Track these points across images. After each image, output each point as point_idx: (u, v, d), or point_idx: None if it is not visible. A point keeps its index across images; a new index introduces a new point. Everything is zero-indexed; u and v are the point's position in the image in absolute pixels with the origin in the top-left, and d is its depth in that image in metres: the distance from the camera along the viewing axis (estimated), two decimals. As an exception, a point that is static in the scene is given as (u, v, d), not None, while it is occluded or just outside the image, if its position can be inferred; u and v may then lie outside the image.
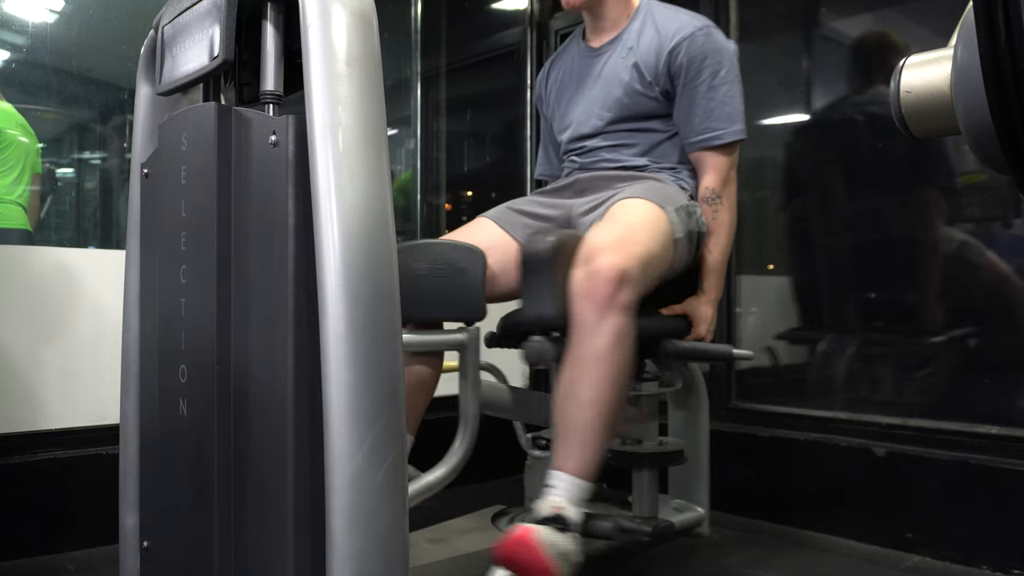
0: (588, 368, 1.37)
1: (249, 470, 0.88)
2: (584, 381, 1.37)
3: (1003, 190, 1.92)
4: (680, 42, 1.67)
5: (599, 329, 1.36)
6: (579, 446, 1.37)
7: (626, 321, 1.38)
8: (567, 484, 1.35)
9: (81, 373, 1.88)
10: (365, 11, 0.85)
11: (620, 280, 1.37)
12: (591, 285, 1.37)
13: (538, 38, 2.87)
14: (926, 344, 2.02)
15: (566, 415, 1.39)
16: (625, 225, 1.50)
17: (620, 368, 1.37)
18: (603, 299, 1.36)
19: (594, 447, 1.37)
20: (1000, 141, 0.45)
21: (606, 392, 1.36)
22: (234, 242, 0.90)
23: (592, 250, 1.41)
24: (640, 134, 1.74)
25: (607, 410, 1.37)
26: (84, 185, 2.66)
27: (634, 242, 1.44)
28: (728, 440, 2.08)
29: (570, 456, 1.37)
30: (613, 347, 1.36)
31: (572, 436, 1.38)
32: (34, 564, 1.74)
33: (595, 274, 1.37)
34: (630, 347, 1.38)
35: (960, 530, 1.74)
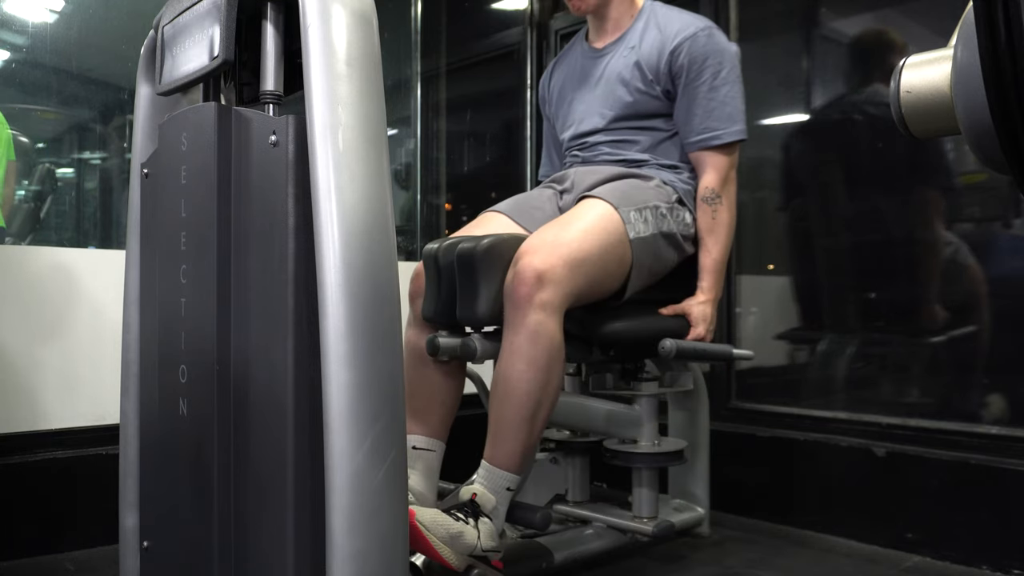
0: (508, 364, 1.41)
1: (249, 470, 0.88)
2: (505, 376, 1.42)
3: (1003, 190, 1.92)
4: (682, 42, 1.68)
5: (517, 327, 1.41)
6: (501, 438, 1.41)
7: (543, 319, 1.40)
8: (487, 473, 1.40)
9: (81, 373, 1.88)
10: (365, 11, 0.86)
11: (538, 280, 1.40)
12: (512, 286, 1.42)
13: (538, 38, 2.87)
14: (926, 344, 2.02)
15: (492, 408, 1.44)
16: (561, 226, 1.53)
17: (535, 364, 1.40)
18: (521, 298, 1.40)
19: (514, 439, 1.41)
20: (1000, 141, 0.45)
21: (522, 387, 1.40)
22: (234, 242, 0.90)
23: (520, 252, 1.45)
24: (642, 132, 1.74)
25: (526, 404, 1.40)
26: (84, 185, 2.66)
27: (563, 242, 1.46)
28: (728, 440, 2.08)
29: (493, 447, 1.42)
30: (529, 344, 1.40)
31: (495, 428, 1.43)
32: (34, 564, 1.74)
33: (517, 275, 1.42)
34: (548, 344, 1.40)
35: (960, 530, 1.74)
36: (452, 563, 1.30)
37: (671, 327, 1.64)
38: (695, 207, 1.71)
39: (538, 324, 1.40)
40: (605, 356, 1.66)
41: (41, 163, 2.57)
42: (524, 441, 1.42)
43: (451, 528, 1.30)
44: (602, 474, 2.27)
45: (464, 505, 1.37)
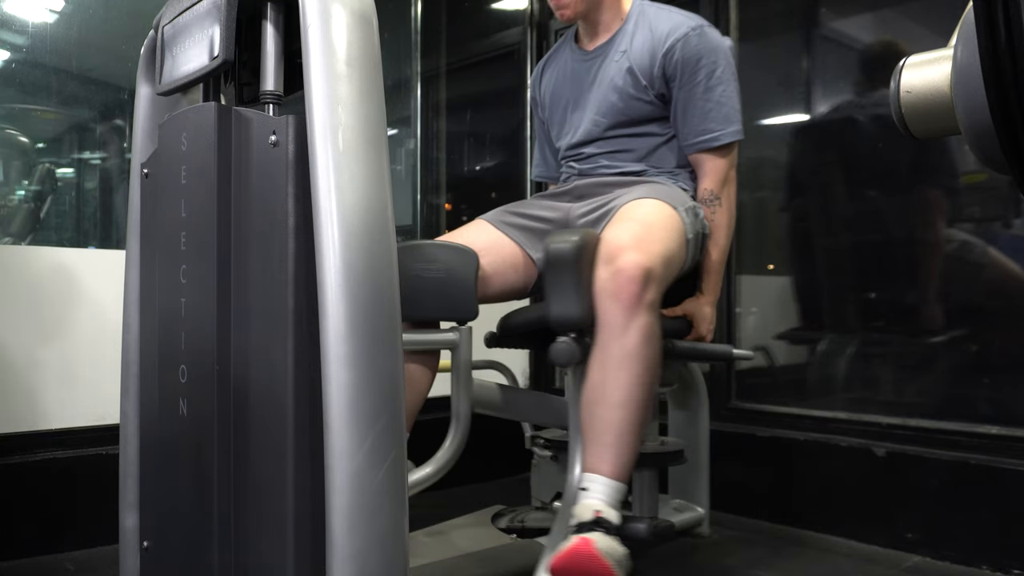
0: (618, 368, 1.36)
1: (249, 470, 0.88)
2: (615, 382, 1.36)
3: (1003, 190, 1.92)
4: (674, 44, 1.65)
5: (628, 329, 1.36)
6: (613, 447, 1.36)
7: (653, 320, 1.38)
8: (603, 487, 1.34)
9: (81, 373, 1.88)
10: (365, 11, 0.85)
11: (646, 279, 1.36)
12: (617, 284, 1.36)
13: (538, 38, 2.87)
14: (926, 344, 2.02)
15: (598, 416, 1.38)
16: (642, 224, 1.49)
17: (649, 367, 1.37)
18: (630, 298, 1.35)
19: (628, 448, 1.36)
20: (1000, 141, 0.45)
21: (637, 392, 1.36)
22: (234, 242, 0.90)
23: (615, 249, 1.40)
24: (637, 139, 1.73)
25: (638, 410, 1.36)
26: (84, 185, 2.66)
27: (653, 240, 1.44)
28: (728, 440, 2.08)
29: (604, 458, 1.36)
30: (642, 346, 1.36)
31: (605, 437, 1.36)
32: (34, 564, 1.74)
33: (620, 273, 1.36)
34: (658, 346, 1.38)
35: (960, 530, 1.74)
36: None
37: (672, 327, 1.64)
38: None
39: (650, 326, 1.37)
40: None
41: (41, 163, 2.56)
42: (635, 449, 1.37)
43: (618, 552, 1.27)
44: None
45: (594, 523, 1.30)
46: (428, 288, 1.55)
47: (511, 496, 2.23)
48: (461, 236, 1.73)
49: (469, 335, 1.60)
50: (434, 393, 1.75)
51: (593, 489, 1.34)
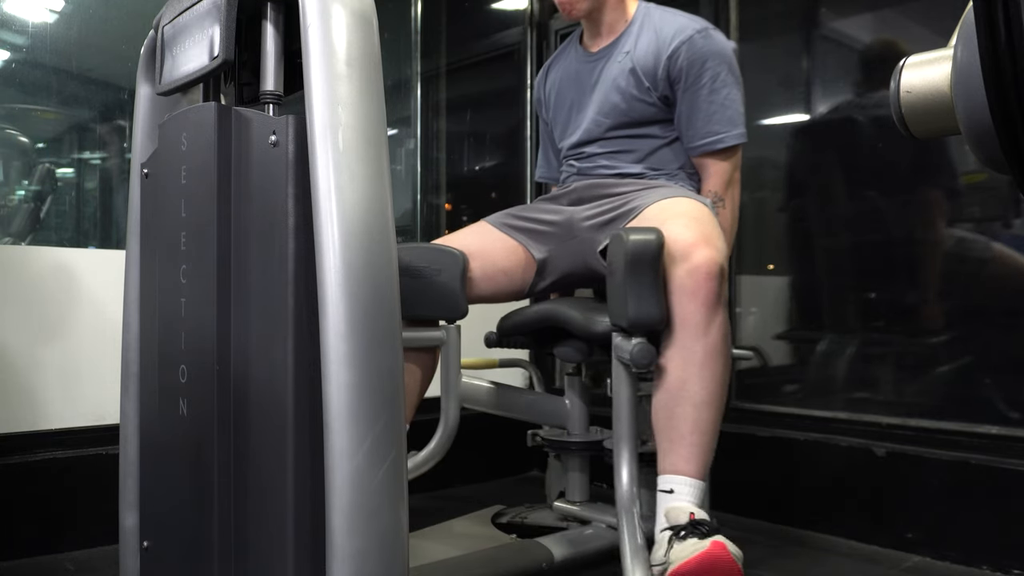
0: (702, 367, 1.36)
1: (249, 470, 0.88)
2: (699, 381, 1.36)
3: (1003, 190, 1.92)
4: (679, 46, 1.66)
5: (710, 327, 1.36)
6: (699, 447, 1.36)
7: (727, 319, 1.39)
8: (692, 488, 1.35)
9: (81, 373, 1.88)
10: (365, 11, 0.86)
11: (721, 275, 1.37)
12: (695, 282, 1.36)
13: (538, 38, 2.87)
14: (926, 344, 2.02)
15: (681, 416, 1.37)
16: (698, 221, 1.48)
17: (729, 365, 1.38)
18: (709, 296, 1.35)
19: (711, 447, 1.37)
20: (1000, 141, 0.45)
21: (720, 390, 1.37)
22: (234, 242, 0.90)
23: (687, 245, 1.39)
24: (638, 140, 1.74)
25: (722, 408, 1.38)
26: (84, 185, 2.66)
27: (715, 236, 1.45)
28: (728, 440, 2.07)
29: (690, 458, 1.36)
30: (723, 343, 1.37)
31: (691, 438, 1.36)
32: (34, 564, 1.74)
33: (697, 270, 1.36)
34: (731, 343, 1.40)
35: (960, 530, 1.74)
36: None
37: (671, 327, 1.64)
38: None
39: (727, 323, 1.37)
40: (605, 356, 1.66)
41: (41, 163, 2.56)
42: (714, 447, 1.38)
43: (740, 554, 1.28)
44: (602, 474, 2.27)
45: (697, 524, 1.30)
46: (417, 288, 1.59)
47: (511, 496, 2.23)
48: (464, 236, 1.75)
49: (457, 333, 1.64)
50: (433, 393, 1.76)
51: (680, 491, 1.34)
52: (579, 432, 1.83)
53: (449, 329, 1.62)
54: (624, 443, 1.47)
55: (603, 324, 1.52)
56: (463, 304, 1.63)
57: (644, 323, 1.39)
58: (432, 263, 1.60)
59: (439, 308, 1.61)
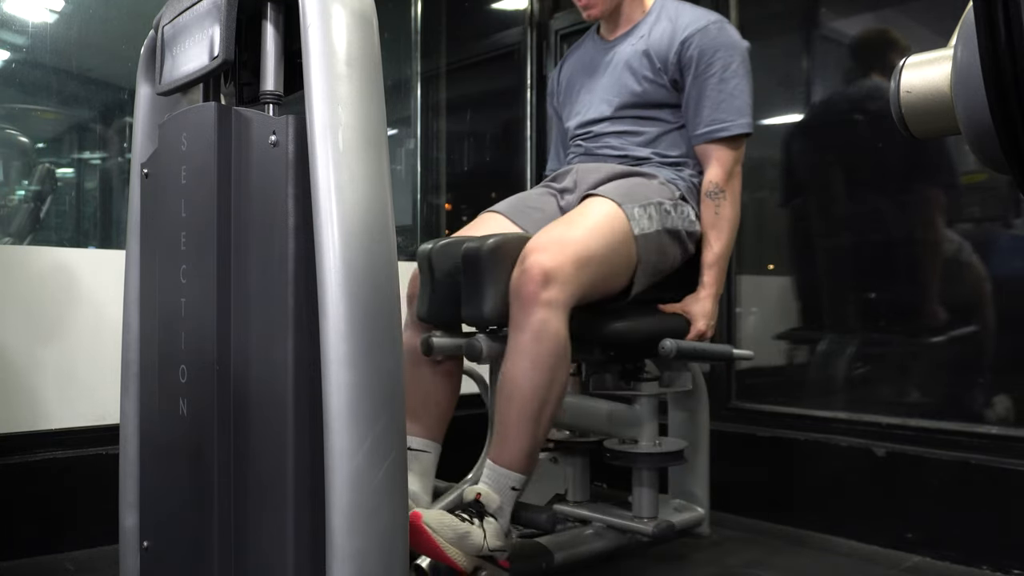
0: (514, 363, 1.41)
1: (249, 470, 0.88)
2: (510, 376, 1.41)
3: (1003, 190, 1.92)
4: (693, 33, 1.69)
5: (524, 325, 1.40)
6: (505, 437, 1.41)
7: (549, 317, 1.40)
8: (492, 472, 1.40)
9: (81, 373, 1.88)
10: (365, 11, 0.86)
11: (545, 278, 1.40)
12: (519, 284, 1.42)
13: (538, 38, 2.87)
14: (926, 344, 2.02)
15: (498, 408, 1.43)
16: (567, 225, 1.53)
17: (540, 363, 1.40)
18: (528, 296, 1.40)
19: (519, 438, 1.40)
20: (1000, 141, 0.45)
21: (527, 386, 1.40)
22: (234, 242, 0.90)
23: (526, 251, 1.45)
24: (647, 122, 1.75)
25: (530, 403, 1.40)
26: (84, 185, 2.66)
27: (570, 241, 1.46)
28: (728, 440, 2.08)
29: (497, 446, 1.42)
30: (534, 342, 1.39)
31: (500, 428, 1.42)
32: (34, 564, 1.74)
33: (524, 273, 1.41)
34: (553, 343, 1.40)
35: (960, 530, 1.74)
36: (460, 564, 1.29)
37: (672, 327, 1.64)
38: (699, 202, 1.70)
39: (543, 323, 1.40)
40: (605, 356, 1.66)
41: (41, 163, 2.56)
42: (529, 441, 1.41)
43: (458, 529, 1.30)
44: (602, 474, 2.26)
45: (469, 505, 1.36)
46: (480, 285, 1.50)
47: (511, 496, 2.22)
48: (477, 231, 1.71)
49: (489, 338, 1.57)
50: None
51: (485, 475, 1.41)
52: (579, 432, 1.83)
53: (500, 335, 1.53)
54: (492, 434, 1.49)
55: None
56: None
57: (472, 319, 1.49)
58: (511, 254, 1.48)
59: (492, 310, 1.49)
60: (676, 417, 1.89)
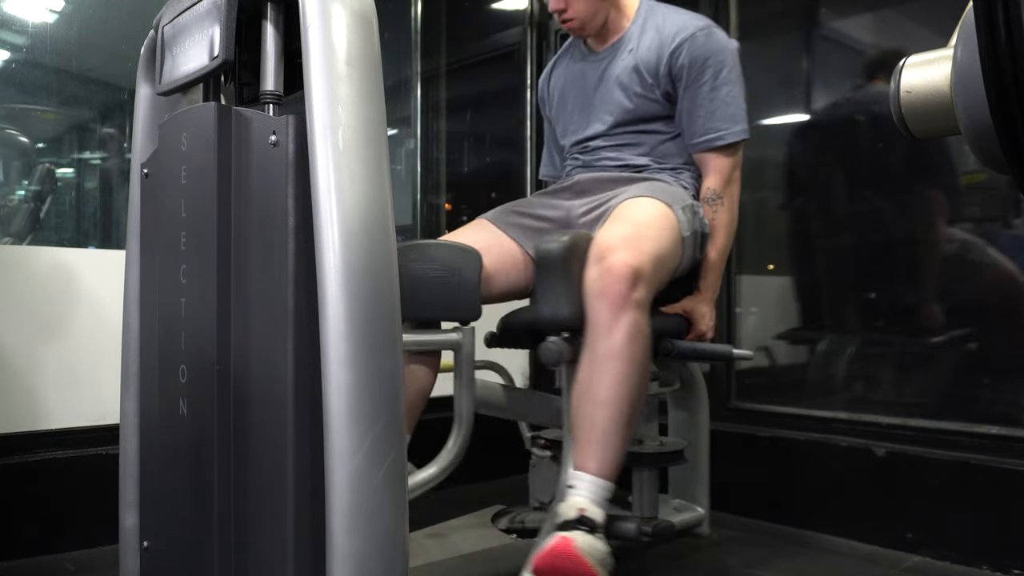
0: (604, 367, 1.36)
1: (249, 470, 0.88)
2: (601, 380, 1.36)
3: (1003, 190, 1.92)
4: (681, 43, 1.66)
5: (615, 327, 1.36)
6: (599, 445, 1.36)
7: (640, 318, 1.38)
8: (589, 485, 1.35)
9: (81, 373, 1.88)
10: (365, 11, 0.85)
11: (634, 278, 1.37)
12: (604, 283, 1.37)
13: (538, 38, 2.87)
14: (926, 344, 2.02)
15: (585, 415, 1.38)
16: (634, 223, 1.50)
17: (636, 365, 1.37)
18: (617, 297, 1.36)
19: (614, 446, 1.36)
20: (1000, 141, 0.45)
21: (623, 390, 1.36)
22: (234, 242, 0.90)
23: (604, 249, 1.40)
24: (643, 135, 1.74)
25: (625, 408, 1.37)
26: (84, 185, 2.66)
27: (644, 239, 1.44)
28: (728, 440, 2.08)
29: (591, 456, 1.36)
30: (628, 344, 1.36)
31: (592, 435, 1.37)
32: (34, 564, 1.74)
33: (608, 272, 1.37)
34: (645, 344, 1.39)
35: (960, 530, 1.74)
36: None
37: (671, 327, 1.64)
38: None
39: (635, 324, 1.37)
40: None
41: (41, 163, 2.56)
42: (622, 448, 1.38)
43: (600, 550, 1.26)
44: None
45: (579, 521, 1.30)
46: (431, 288, 1.56)
47: (511, 496, 2.22)
48: (463, 236, 1.74)
49: (472, 335, 1.59)
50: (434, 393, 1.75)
51: (579, 487, 1.35)
52: (579, 432, 1.83)
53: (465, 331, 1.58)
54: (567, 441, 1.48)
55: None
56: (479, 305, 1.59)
57: (552, 322, 1.43)
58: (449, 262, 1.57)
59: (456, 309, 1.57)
60: (676, 417, 1.89)
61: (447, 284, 1.54)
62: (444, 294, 1.55)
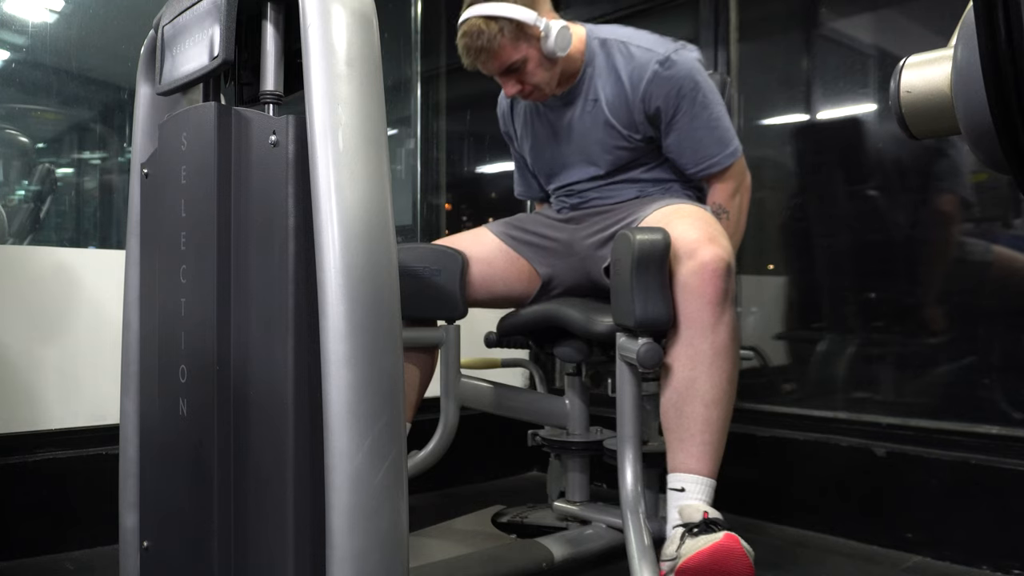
0: (711, 366, 1.35)
1: (249, 470, 0.88)
2: (708, 379, 1.35)
3: (1003, 190, 1.92)
4: (648, 86, 1.61)
5: (718, 325, 1.35)
6: (710, 445, 1.35)
7: (735, 315, 1.38)
8: (703, 486, 1.34)
9: (81, 373, 1.88)
10: (365, 11, 0.85)
11: (729, 273, 1.36)
12: (702, 280, 1.35)
13: (538, 38, 2.86)
14: (926, 344, 2.02)
15: (690, 415, 1.36)
16: (702, 220, 1.47)
17: (737, 363, 1.38)
18: (717, 294, 1.34)
19: (722, 445, 1.37)
20: (1000, 141, 0.45)
21: (729, 388, 1.37)
22: (234, 242, 0.90)
23: (692, 244, 1.37)
24: (630, 172, 1.74)
25: (730, 406, 1.37)
26: (84, 185, 2.66)
27: (720, 235, 1.43)
28: (728, 440, 2.08)
29: (701, 456, 1.35)
30: (732, 341, 1.36)
31: (702, 436, 1.35)
32: (34, 564, 1.74)
33: (704, 268, 1.34)
34: (739, 342, 1.39)
35: (960, 530, 1.74)
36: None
37: (671, 327, 1.64)
38: None
39: (735, 321, 1.36)
40: (606, 356, 1.66)
41: (41, 163, 2.56)
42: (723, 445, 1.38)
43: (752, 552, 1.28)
44: (602, 474, 2.26)
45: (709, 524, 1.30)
46: (419, 288, 1.61)
47: (511, 496, 2.23)
48: (462, 240, 1.77)
49: (456, 333, 1.65)
50: (431, 393, 1.76)
51: (692, 489, 1.34)
52: (579, 432, 1.83)
53: (448, 329, 1.65)
54: (628, 443, 1.47)
55: (605, 324, 1.52)
56: (462, 305, 1.64)
57: (651, 323, 1.37)
58: (432, 263, 1.62)
59: (438, 308, 1.63)
60: (676, 417, 1.89)
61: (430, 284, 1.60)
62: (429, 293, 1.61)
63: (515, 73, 1.62)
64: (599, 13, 2.61)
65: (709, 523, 1.29)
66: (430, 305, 1.63)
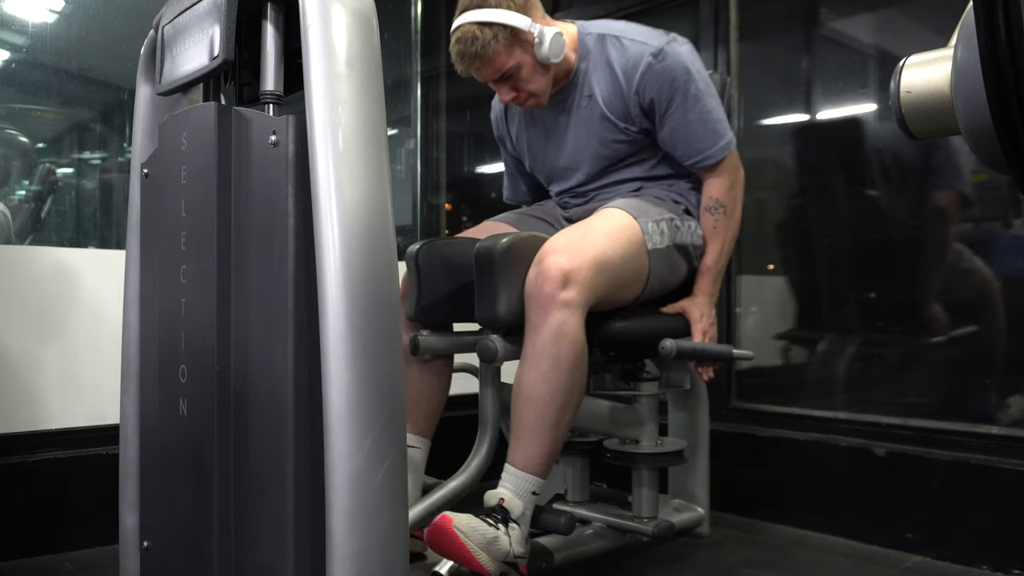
0: (531, 365, 1.40)
1: (249, 470, 0.88)
2: (529, 378, 1.40)
3: (1003, 190, 1.92)
4: (642, 79, 1.62)
5: (541, 326, 1.39)
6: (525, 441, 1.40)
7: (568, 319, 1.39)
8: (513, 477, 1.39)
9: (81, 373, 1.88)
10: (365, 11, 0.85)
11: (564, 279, 1.39)
12: (536, 284, 1.40)
13: (538, 38, 2.86)
14: (926, 344, 2.02)
15: (515, 411, 1.42)
16: (585, 230, 1.51)
17: (561, 365, 1.39)
18: (546, 297, 1.39)
19: (540, 442, 1.40)
20: (1000, 141, 0.45)
21: (543, 388, 1.39)
22: (234, 242, 0.90)
23: (544, 252, 1.43)
24: (629, 168, 1.74)
25: (547, 406, 1.39)
26: (84, 185, 2.66)
27: (588, 246, 1.45)
28: (728, 440, 2.08)
29: (517, 450, 1.41)
30: (553, 344, 1.38)
31: (519, 431, 1.41)
32: (34, 564, 1.74)
33: (542, 273, 1.40)
34: (571, 344, 1.39)
35: (960, 530, 1.74)
36: (489, 570, 1.28)
37: (671, 327, 1.64)
38: (699, 213, 1.72)
39: (561, 324, 1.38)
40: (605, 356, 1.66)
41: (41, 163, 2.56)
42: (550, 444, 1.40)
43: (487, 534, 1.29)
44: (602, 474, 2.26)
45: (493, 510, 1.35)
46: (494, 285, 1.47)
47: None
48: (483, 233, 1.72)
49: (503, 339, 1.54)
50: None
51: (504, 479, 1.40)
52: (578, 432, 1.83)
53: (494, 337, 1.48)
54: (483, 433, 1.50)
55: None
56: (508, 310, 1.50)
57: (485, 321, 1.46)
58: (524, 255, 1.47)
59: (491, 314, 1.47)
60: (676, 417, 1.89)
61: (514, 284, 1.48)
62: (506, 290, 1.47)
63: (509, 80, 1.62)
64: (599, 13, 2.61)
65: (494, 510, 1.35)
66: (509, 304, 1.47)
